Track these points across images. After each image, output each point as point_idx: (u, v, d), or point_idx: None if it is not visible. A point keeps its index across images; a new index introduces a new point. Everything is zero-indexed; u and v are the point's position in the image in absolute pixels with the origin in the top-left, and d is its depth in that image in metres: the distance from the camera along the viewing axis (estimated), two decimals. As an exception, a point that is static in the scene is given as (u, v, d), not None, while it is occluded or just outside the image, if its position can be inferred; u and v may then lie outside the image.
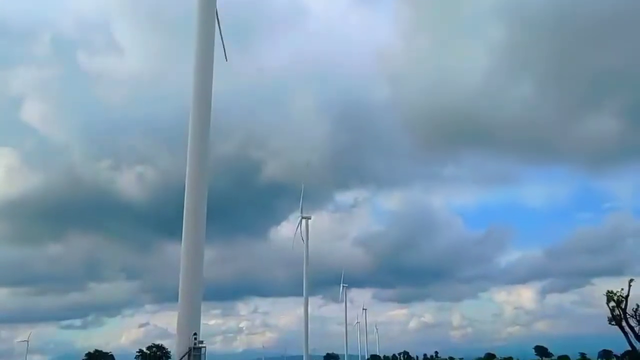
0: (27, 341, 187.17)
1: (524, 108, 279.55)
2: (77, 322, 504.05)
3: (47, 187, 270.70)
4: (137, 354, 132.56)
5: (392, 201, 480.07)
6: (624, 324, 41.71)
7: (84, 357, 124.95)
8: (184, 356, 74.06)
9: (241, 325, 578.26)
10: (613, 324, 42.55)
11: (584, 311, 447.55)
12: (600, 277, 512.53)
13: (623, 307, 41.60)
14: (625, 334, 42.04)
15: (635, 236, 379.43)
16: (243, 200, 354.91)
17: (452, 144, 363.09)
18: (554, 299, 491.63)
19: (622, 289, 41.86)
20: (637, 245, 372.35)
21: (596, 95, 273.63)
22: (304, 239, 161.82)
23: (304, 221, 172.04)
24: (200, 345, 78.15)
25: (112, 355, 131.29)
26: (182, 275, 77.77)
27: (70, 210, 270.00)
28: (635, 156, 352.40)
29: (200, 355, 75.54)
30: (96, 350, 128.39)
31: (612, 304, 42.36)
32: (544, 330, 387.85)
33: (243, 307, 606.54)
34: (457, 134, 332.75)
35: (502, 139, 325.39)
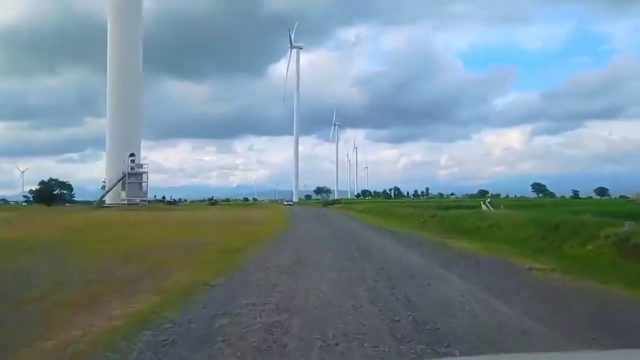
0: (22, 171, 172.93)
1: None
2: (75, 155, 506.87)
3: (36, 15, 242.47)
4: (103, 182, 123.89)
5: (395, 40, 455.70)
6: None
7: (37, 186, 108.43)
8: (117, 183, 61.60)
9: (237, 162, 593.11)
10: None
11: (569, 152, 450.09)
12: (593, 119, 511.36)
13: None
14: None
15: (637, 79, 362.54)
16: (243, 35, 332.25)
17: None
18: (542, 140, 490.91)
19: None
20: (638, 89, 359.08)
21: None
22: (296, 70, 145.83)
23: (294, 51, 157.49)
24: (139, 170, 65.38)
25: (69, 185, 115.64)
26: (109, 87, 63.36)
27: (62, 40, 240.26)
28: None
29: (141, 184, 62.54)
30: (51, 179, 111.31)
31: None
32: (528, 170, 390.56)
33: (239, 145, 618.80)
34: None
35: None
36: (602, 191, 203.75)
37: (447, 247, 15.48)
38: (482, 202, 44.21)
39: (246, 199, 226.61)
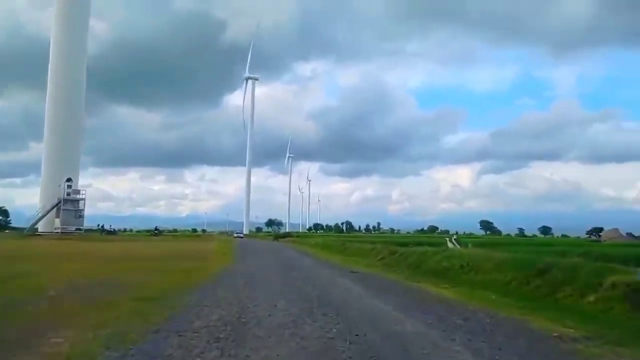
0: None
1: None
2: (17, 181, 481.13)
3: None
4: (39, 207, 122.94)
5: (350, 76, 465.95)
6: None
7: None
8: (51, 209, 56.27)
9: (187, 191, 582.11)
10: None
11: (514, 191, 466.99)
12: (537, 160, 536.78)
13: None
14: None
15: (580, 123, 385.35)
16: (200, 64, 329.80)
17: (423, 17, 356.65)
18: (489, 179, 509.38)
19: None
20: (580, 133, 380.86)
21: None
22: (251, 101, 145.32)
23: (250, 82, 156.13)
24: (76, 196, 60.93)
25: (5, 210, 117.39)
26: (47, 109, 58.14)
27: (11, 61, 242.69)
28: (601, 42, 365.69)
29: (77, 211, 57.93)
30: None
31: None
32: (476, 207, 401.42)
33: (189, 175, 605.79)
34: (431, 5, 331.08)
35: (475, 13, 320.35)
36: (545, 230, 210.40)
37: (425, 295, 12.63)
38: (447, 239, 41.79)
39: (195, 230, 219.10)
